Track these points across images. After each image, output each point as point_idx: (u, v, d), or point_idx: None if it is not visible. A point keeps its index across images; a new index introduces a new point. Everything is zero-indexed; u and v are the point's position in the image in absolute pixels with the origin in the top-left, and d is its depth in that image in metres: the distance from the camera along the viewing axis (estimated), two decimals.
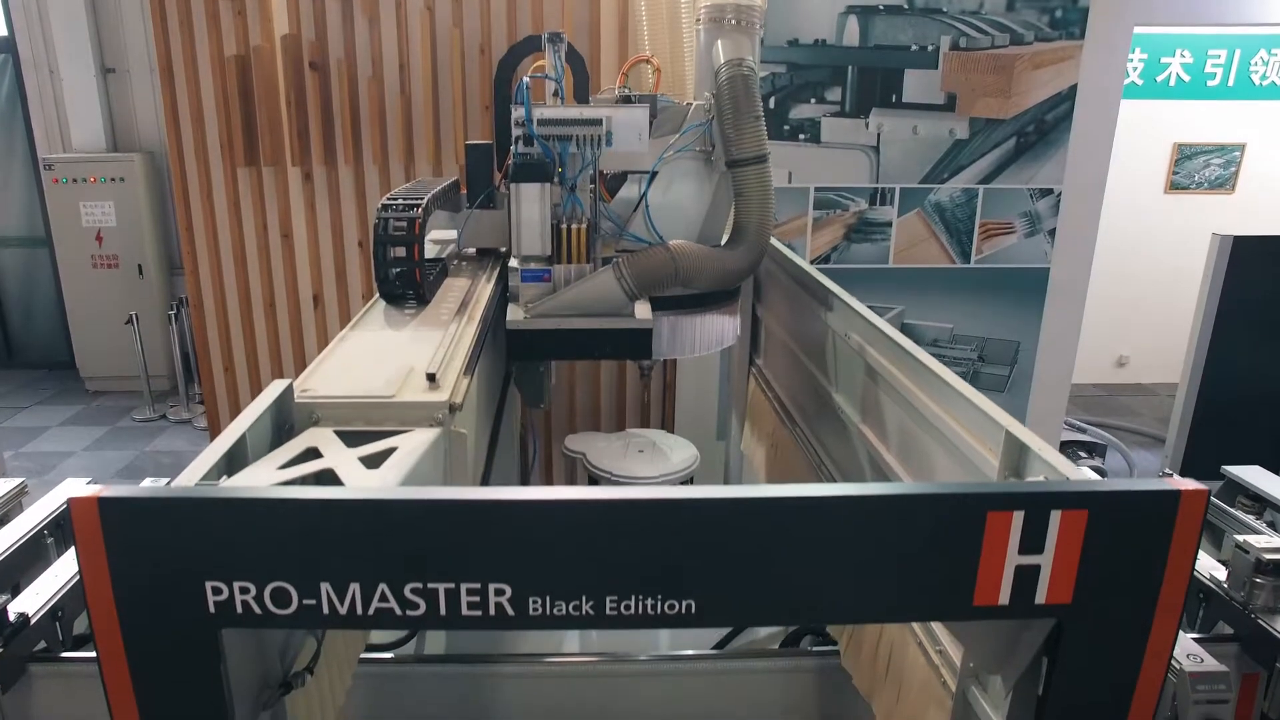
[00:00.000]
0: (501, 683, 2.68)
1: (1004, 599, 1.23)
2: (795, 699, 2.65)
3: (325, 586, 1.19)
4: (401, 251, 2.52)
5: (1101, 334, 7.14)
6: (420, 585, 1.19)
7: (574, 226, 2.70)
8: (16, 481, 2.97)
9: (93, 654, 1.45)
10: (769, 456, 3.26)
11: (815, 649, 3.07)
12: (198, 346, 4.76)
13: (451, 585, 1.18)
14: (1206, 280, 4.68)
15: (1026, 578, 1.22)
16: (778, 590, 1.20)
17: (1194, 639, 2.55)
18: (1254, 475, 3.55)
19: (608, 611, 1.19)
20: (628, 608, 1.19)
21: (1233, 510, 3.16)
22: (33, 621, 2.38)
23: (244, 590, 1.19)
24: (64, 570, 2.85)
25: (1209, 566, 3.00)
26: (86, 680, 2.49)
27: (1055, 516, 1.20)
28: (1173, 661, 2.47)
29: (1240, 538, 2.92)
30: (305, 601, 1.19)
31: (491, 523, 1.17)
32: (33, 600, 2.45)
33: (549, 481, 4.91)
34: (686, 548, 1.18)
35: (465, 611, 1.19)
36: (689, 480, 4.03)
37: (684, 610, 1.19)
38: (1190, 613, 2.73)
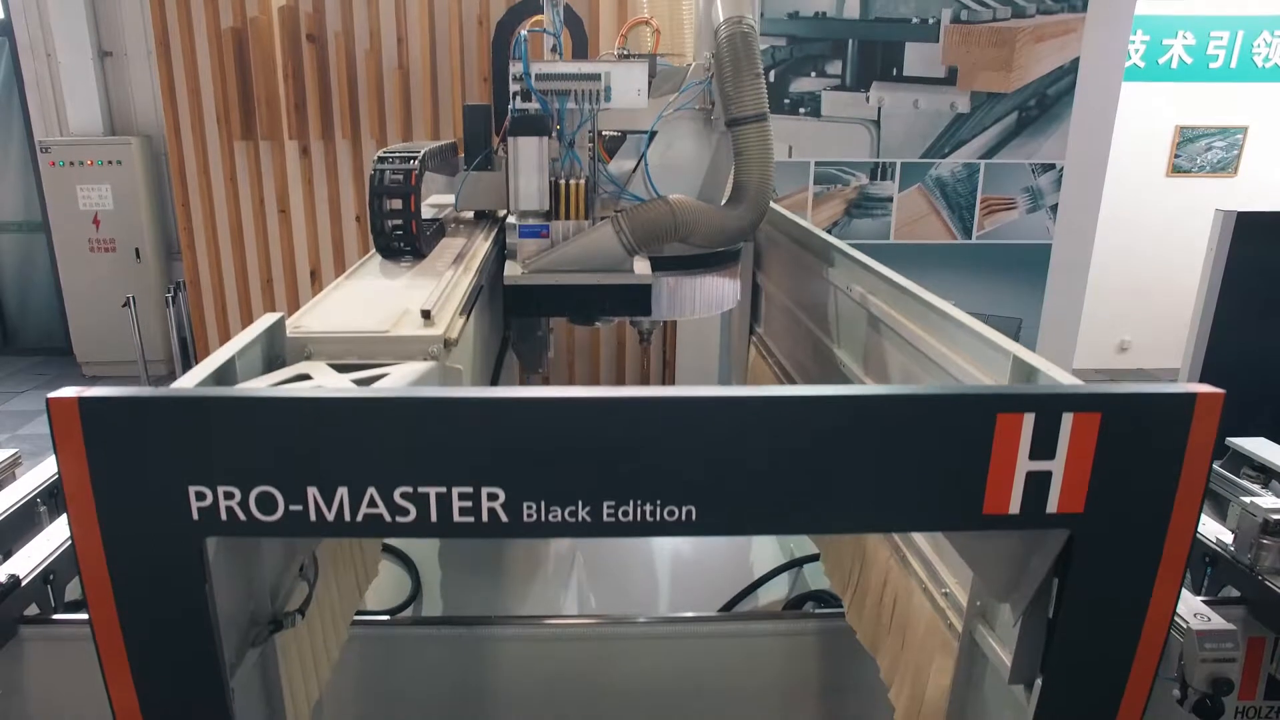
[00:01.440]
0: (499, 645, 2.64)
1: (1014, 508, 1.19)
2: (797, 661, 2.61)
3: (312, 491, 1.15)
4: (398, 204, 2.49)
5: (1103, 318, 7.10)
6: (410, 489, 1.15)
7: (572, 182, 2.66)
8: (10, 452, 2.95)
9: (84, 616, 1.42)
10: None
11: (818, 611, 3.03)
12: (194, 324, 4.73)
13: (443, 489, 1.14)
14: (1209, 257, 4.63)
15: (1038, 485, 1.18)
16: (781, 496, 1.16)
17: (1201, 601, 2.52)
18: (1259, 446, 3.51)
19: (605, 518, 1.15)
20: (625, 514, 1.15)
21: (1239, 479, 3.13)
22: (23, 583, 2.35)
23: (229, 496, 1.16)
24: (56, 535, 2.82)
25: (1215, 531, 2.97)
26: (78, 643, 2.45)
27: (1067, 420, 1.16)
28: (1179, 620, 2.43)
29: (1247, 499, 2.88)
30: (292, 507, 1.16)
31: (485, 422, 1.14)
32: (24, 563, 2.42)
33: None
34: (687, 450, 1.14)
35: (457, 518, 1.15)
36: None
37: (684, 517, 1.16)
38: (1196, 577, 2.70)
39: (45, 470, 2.98)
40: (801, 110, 4.61)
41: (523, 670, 2.61)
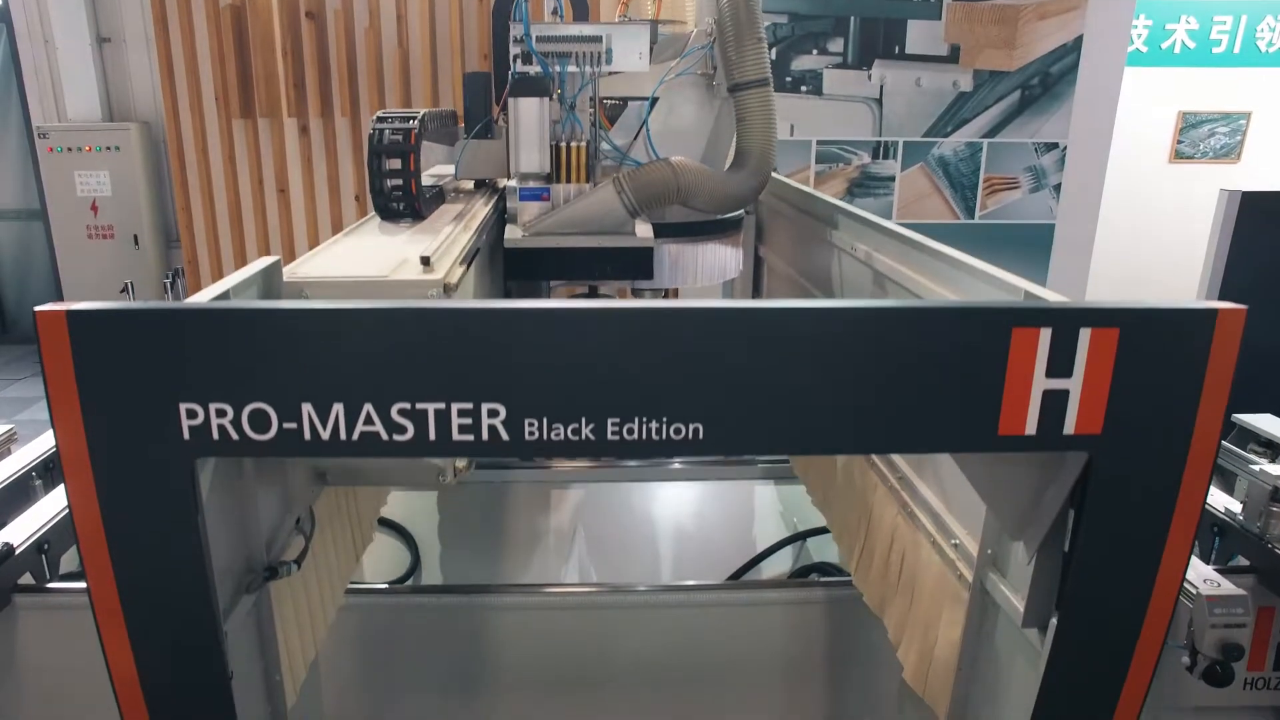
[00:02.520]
0: (498, 614, 2.60)
1: (1031, 428, 1.15)
2: (802, 630, 2.58)
3: (307, 408, 1.11)
4: (397, 163, 2.45)
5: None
6: (408, 406, 1.11)
7: (573, 145, 2.63)
8: (6, 427, 2.94)
9: (79, 585, 1.39)
10: None
11: (822, 580, 3.00)
12: None
13: (441, 405, 1.11)
14: (1213, 237, 4.60)
15: (1055, 404, 1.15)
16: (791, 414, 1.13)
17: (1211, 569, 2.48)
18: (1265, 423, 3.48)
19: (609, 436, 1.12)
20: (630, 432, 1.12)
21: (1245, 453, 3.10)
22: (17, 552, 2.32)
23: (220, 413, 1.12)
24: (51, 506, 2.79)
25: (1224, 501, 2.93)
26: (72, 612, 2.42)
27: (1084, 335, 1.13)
28: (1188, 586, 2.40)
29: (1257, 466, 2.85)
30: (285, 425, 1.12)
31: (485, 336, 1.10)
32: (17, 532, 2.40)
33: None
34: (695, 365, 1.11)
35: (456, 436, 1.12)
36: None
37: (690, 435, 1.12)
38: (1204, 547, 2.66)
39: (41, 445, 2.96)
40: (803, 88, 4.57)
41: (522, 639, 2.58)
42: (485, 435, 1.11)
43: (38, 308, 1.09)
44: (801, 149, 4.69)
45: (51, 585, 2.59)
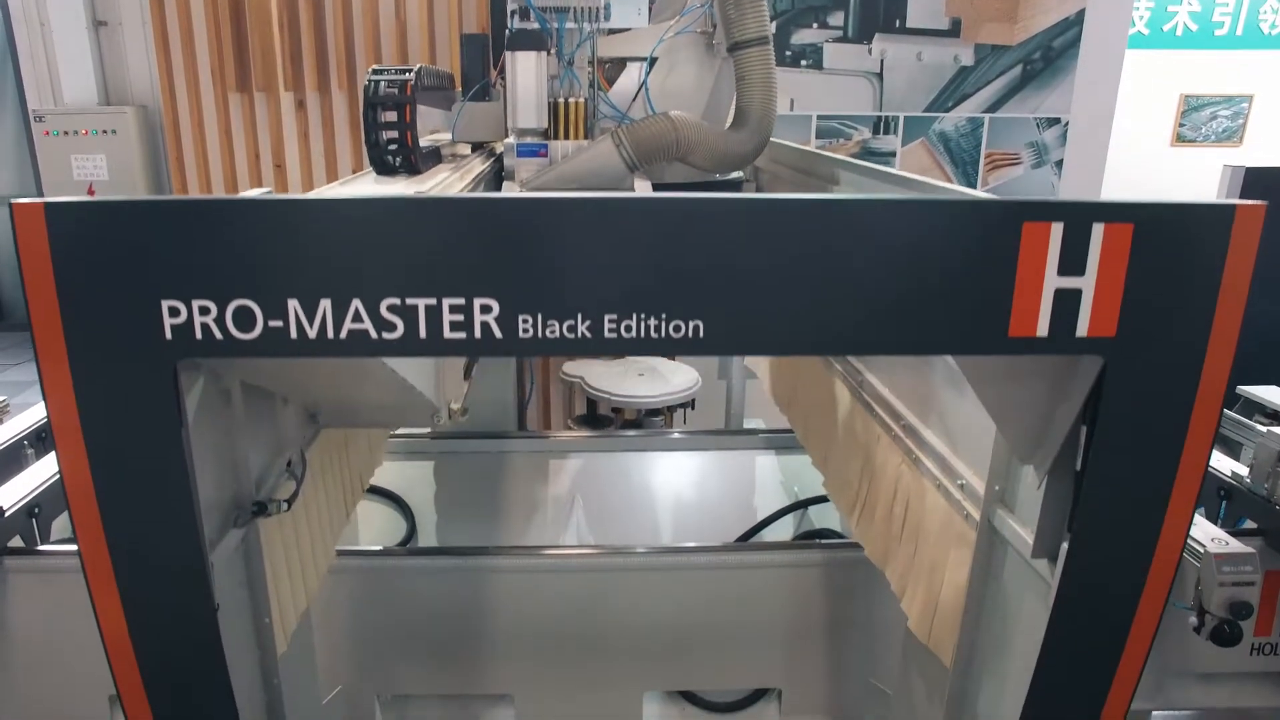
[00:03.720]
0: (495, 576, 2.56)
1: (1042, 329, 1.12)
2: (802, 593, 2.54)
3: (293, 304, 1.07)
4: (393, 116, 2.41)
5: None
6: (398, 302, 1.07)
7: (571, 101, 2.59)
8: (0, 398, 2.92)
9: (71, 548, 1.35)
10: (773, 361, 3.15)
11: (822, 541, 2.96)
12: None
13: (432, 301, 1.07)
14: None
15: (1067, 304, 1.11)
16: (795, 312, 1.09)
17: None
18: (1270, 393, 3.45)
19: (606, 333, 1.08)
20: (628, 329, 1.08)
21: (1250, 422, 3.07)
22: (7, 515, 2.30)
23: (204, 311, 1.08)
24: (42, 472, 2.76)
25: (1230, 465, 2.90)
26: (62, 575, 2.38)
27: (1098, 231, 1.09)
28: (1195, 545, 2.36)
29: (1264, 428, 2.82)
30: (271, 323, 1.08)
31: (478, 227, 1.06)
32: (8, 496, 2.37)
33: (546, 410, 4.79)
34: (696, 259, 1.07)
35: (447, 333, 1.08)
36: (690, 403, 3.91)
37: (690, 333, 1.08)
38: (1210, 512, 2.63)
39: (33, 415, 2.94)
40: (803, 63, 4.54)
41: (519, 602, 2.54)
42: (478, 333, 1.07)
43: (15, 200, 1.06)
44: (802, 123, 4.65)
45: (42, 548, 2.56)
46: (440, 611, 2.52)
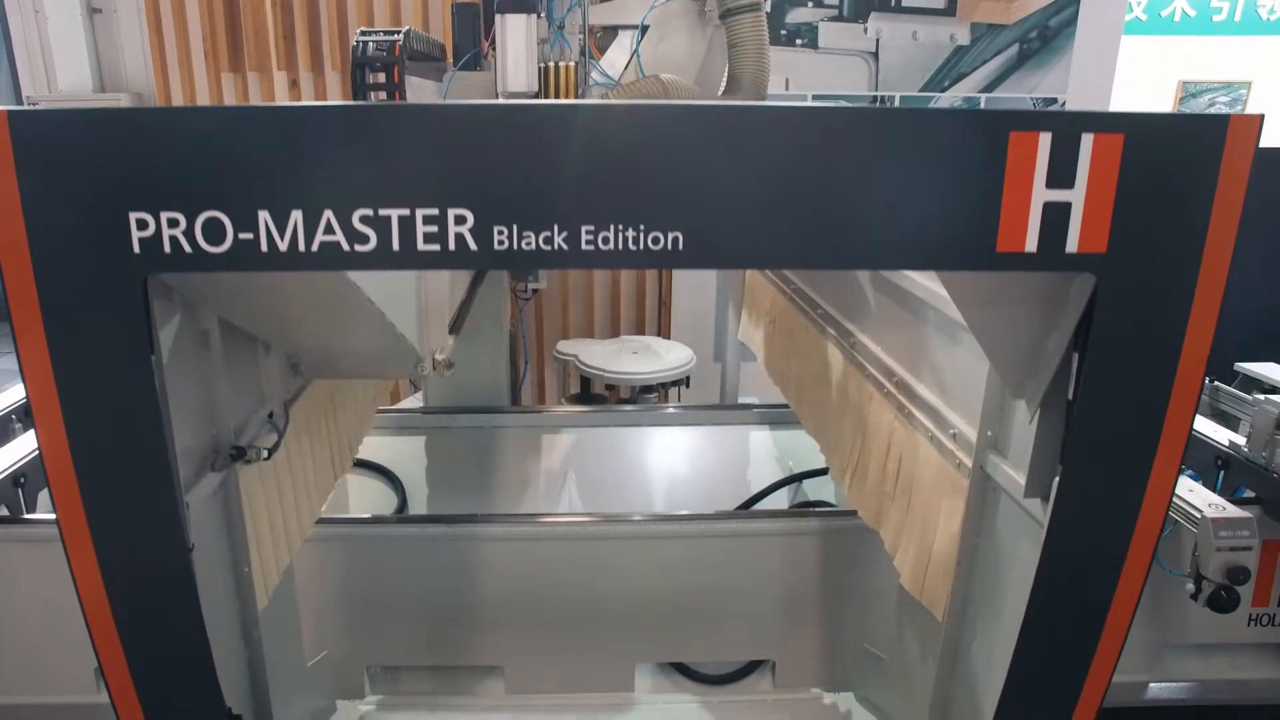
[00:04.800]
0: (488, 545, 2.53)
1: (1031, 244, 1.09)
2: (797, 560, 2.51)
3: (264, 216, 1.05)
4: (381, 77, 2.39)
5: None
6: (370, 212, 1.05)
7: (562, 65, 2.57)
8: None
9: (52, 516, 1.33)
10: (768, 333, 3.12)
11: (817, 510, 2.93)
12: None
13: (406, 212, 1.04)
14: None
15: (1056, 218, 1.08)
16: (777, 224, 1.06)
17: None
18: (1268, 370, 3.44)
19: (583, 245, 1.05)
20: (606, 241, 1.05)
21: (1249, 397, 3.05)
22: None
23: (173, 223, 1.05)
24: (29, 443, 2.74)
25: (1228, 435, 2.88)
26: (48, 545, 2.35)
27: (1087, 142, 1.06)
28: (1192, 511, 2.34)
29: (1262, 396, 2.80)
30: (241, 235, 1.05)
31: (451, 135, 1.03)
32: None
33: (540, 389, 4.76)
34: (675, 169, 1.04)
35: (421, 245, 1.05)
36: (685, 381, 3.88)
37: (669, 245, 1.05)
38: (1208, 482, 2.60)
39: (20, 392, 2.92)
40: (799, 41, 4.51)
41: (509, 572, 2.50)
42: (452, 244, 1.05)
43: None
44: (797, 103, 4.62)
45: (28, 517, 2.53)
46: (429, 581, 2.48)
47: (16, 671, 2.48)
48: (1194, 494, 2.44)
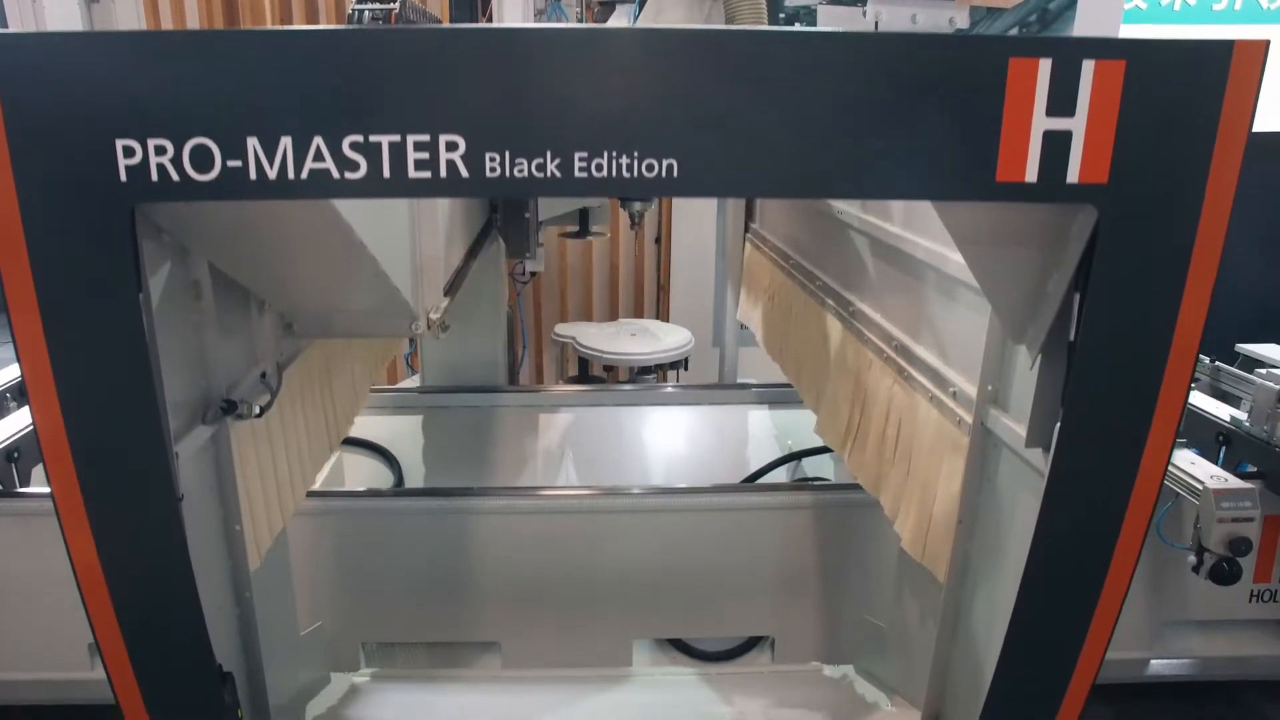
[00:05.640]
0: (483, 519, 2.51)
1: (1031, 174, 1.07)
2: (796, 533, 2.49)
3: (252, 143, 1.03)
4: None
5: None
6: (360, 139, 1.03)
7: None
8: None
9: (46, 490, 1.32)
10: (766, 310, 3.10)
11: (815, 484, 2.91)
12: None
13: (396, 138, 1.03)
14: None
15: (1057, 147, 1.06)
16: (773, 151, 1.05)
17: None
18: (1269, 350, 3.42)
19: (576, 172, 1.03)
20: (599, 168, 1.03)
21: (1250, 376, 3.04)
22: None
23: (160, 151, 1.04)
24: (23, 419, 2.73)
25: (1229, 412, 2.86)
26: (41, 519, 2.34)
27: (1088, 69, 1.04)
28: (1194, 483, 2.32)
29: (1264, 369, 2.78)
30: (229, 163, 1.04)
31: (444, 60, 1.02)
32: None
33: (539, 372, 4.74)
34: (670, 94, 1.02)
35: (412, 172, 1.03)
36: (683, 363, 3.87)
37: (664, 173, 1.04)
38: (1209, 458, 2.58)
39: (15, 371, 2.91)
40: (797, 25, 4.48)
41: (506, 546, 2.48)
42: (443, 172, 1.03)
43: None
44: None
45: (21, 490, 2.52)
46: (425, 556, 2.46)
47: (10, 647, 2.46)
48: (1195, 466, 2.42)
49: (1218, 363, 3.25)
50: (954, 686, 1.87)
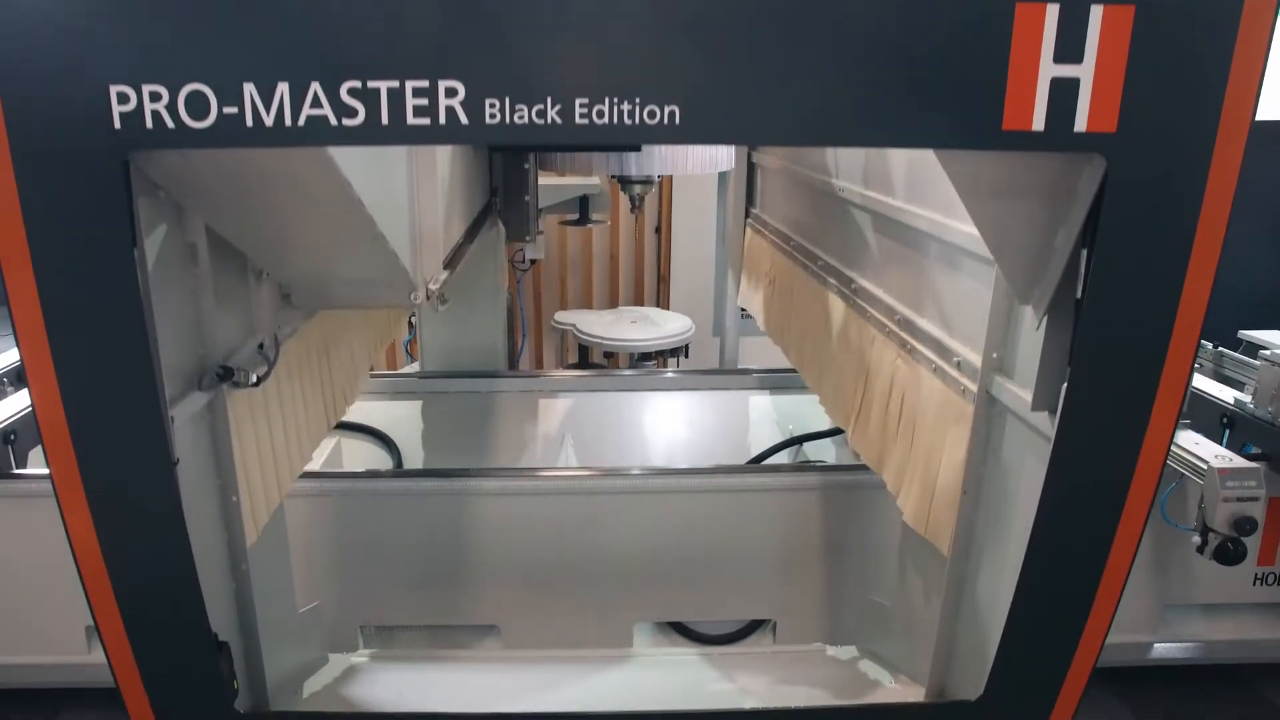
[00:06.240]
0: (482, 500, 2.49)
1: (1038, 122, 1.06)
2: (798, 515, 2.47)
3: (249, 89, 1.02)
4: None
5: None
6: (359, 85, 1.01)
7: None
8: None
9: (44, 471, 1.30)
10: (767, 294, 3.09)
11: (817, 465, 2.89)
12: None
13: (395, 84, 1.01)
14: None
15: (1064, 94, 1.05)
16: (776, 98, 1.03)
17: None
18: (1273, 336, 3.41)
19: (577, 119, 1.02)
20: (600, 114, 1.02)
21: (1254, 361, 3.03)
22: None
23: (155, 97, 1.02)
24: (19, 402, 2.71)
25: (1233, 394, 2.85)
26: (38, 500, 2.32)
27: (1096, 14, 1.03)
28: (1198, 463, 2.30)
29: (1267, 351, 2.77)
30: (225, 110, 1.02)
31: (442, 3, 1.01)
32: None
33: (539, 360, 4.72)
34: (671, 39, 1.01)
35: (411, 119, 1.02)
36: (684, 350, 3.85)
37: (665, 119, 1.02)
38: (1214, 440, 2.57)
39: (13, 356, 2.89)
40: None
41: (505, 528, 2.46)
42: (443, 118, 1.01)
43: None
44: None
45: (17, 472, 2.50)
46: (423, 538, 2.44)
47: (6, 631, 2.45)
48: (1199, 447, 2.41)
49: (1221, 348, 3.24)
50: (959, 662, 1.86)
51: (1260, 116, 1.12)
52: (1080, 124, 1.06)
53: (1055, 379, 1.34)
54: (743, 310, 3.53)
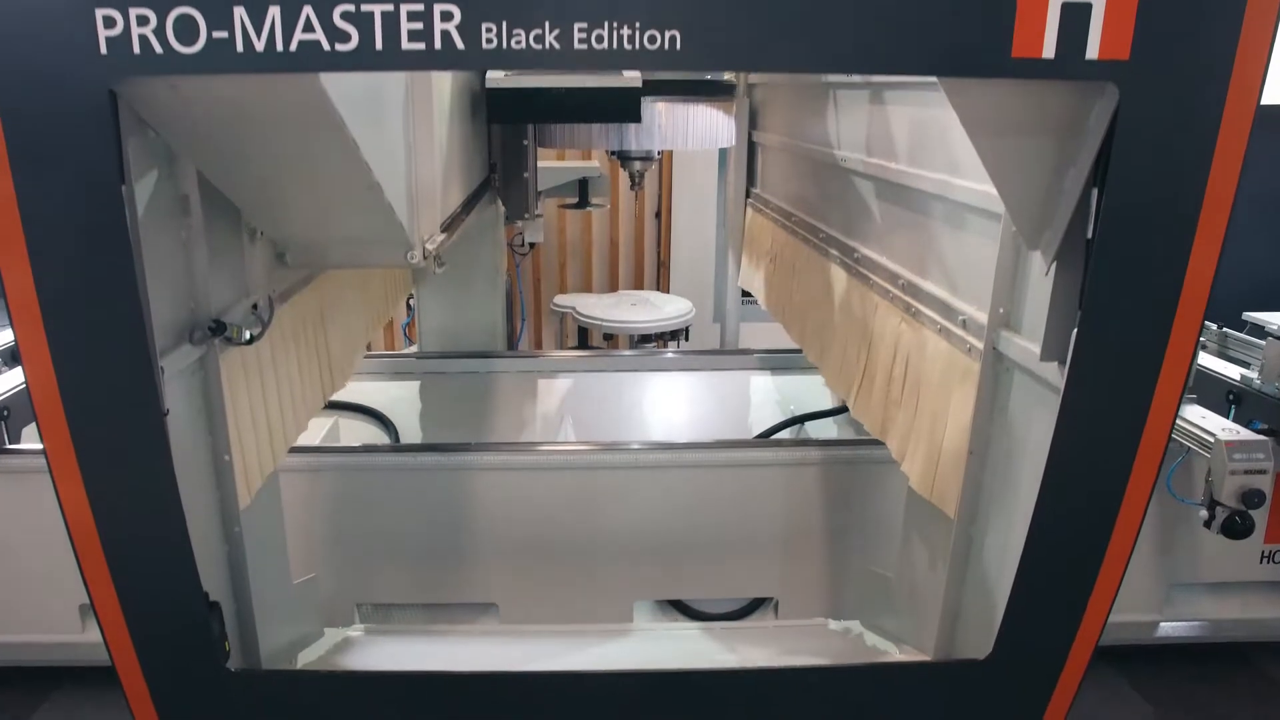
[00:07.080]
0: (481, 475, 2.46)
1: (1049, 50, 1.03)
2: (800, 489, 2.44)
3: (239, 12, 0.99)
4: None
5: None
6: (352, 8, 0.99)
7: None
8: None
9: (36, 446, 1.28)
10: (768, 272, 3.06)
11: (819, 440, 2.86)
12: None
13: (389, 7, 0.98)
14: None
15: (1076, 20, 1.02)
16: (780, 22, 1.01)
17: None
18: (1276, 317, 3.38)
19: (576, 45, 0.99)
20: (599, 39, 0.99)
21: (1259, 341, 3.00)
22: None
23: (142, 21, 0.99)
24: (12, 379, 2.68)
25: (1239, 371, 2.82)
26: (32, 476, 2.29)
27: None
28: (1204, 435, 2.27)
29: (1275, 325, 2.74)
30: (215, 34, 0.99)
31: None
32: None
33: (538, 343, 4.69)
34: None
35: (405, 44, 0.99)
36: (684, 332, 3.82)
37: (665, 45, 0.99)
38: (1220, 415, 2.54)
39: (7, 336, 2.87)
40: None
41: (504, 503, 2.43)
42: (438, 43, 0.99)
43: None
44: None
45: (11, 447, 2.47)
46: (421, 513, 2.41)
47: None
48: (1207, 420, 2.38)
49: (1226, 329, 3.21)
50: (964, 627, 1.83)
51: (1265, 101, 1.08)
52: (1092, 51, 1.03)
53: (1065, 327, 1.31)
54: (744, 293, 3.50)
